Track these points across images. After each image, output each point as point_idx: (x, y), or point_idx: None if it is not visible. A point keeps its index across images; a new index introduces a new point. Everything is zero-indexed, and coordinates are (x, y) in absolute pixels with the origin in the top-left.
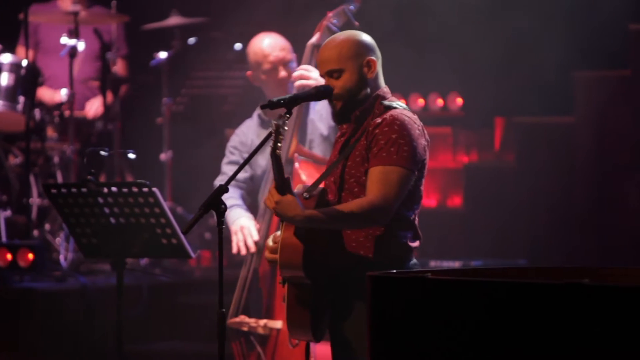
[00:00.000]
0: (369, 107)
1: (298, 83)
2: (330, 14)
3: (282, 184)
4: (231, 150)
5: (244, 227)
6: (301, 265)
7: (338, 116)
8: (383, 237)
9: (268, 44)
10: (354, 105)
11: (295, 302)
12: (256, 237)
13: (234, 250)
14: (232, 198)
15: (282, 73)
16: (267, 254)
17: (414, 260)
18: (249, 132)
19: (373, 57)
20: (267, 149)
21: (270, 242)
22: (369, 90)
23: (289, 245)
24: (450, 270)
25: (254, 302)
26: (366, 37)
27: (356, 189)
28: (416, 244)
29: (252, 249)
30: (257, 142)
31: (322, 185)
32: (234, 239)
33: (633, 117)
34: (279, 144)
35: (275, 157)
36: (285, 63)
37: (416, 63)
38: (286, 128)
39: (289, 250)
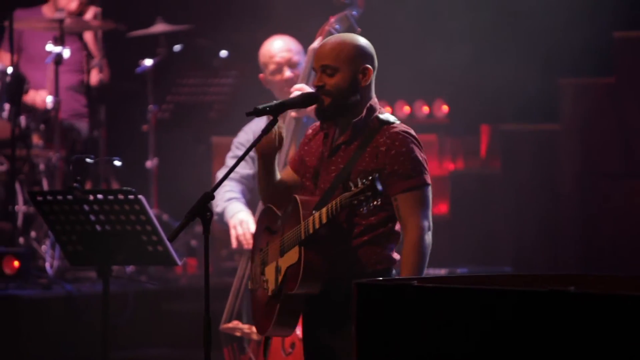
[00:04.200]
0: (367, 119)
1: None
2: (332, 19)
3: None
4: (237, 146)
5: (242, 221)
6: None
7: (323, 112)
8: (375, 250)
9: (275, 46)
10: (342, 107)
11: (287, 311)
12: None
13: (234, 244)
14: (231, 192)
15: (287, 74)
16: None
17: (395, 271)
18: (257, 131)
19: (369, 66)
20: None
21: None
22: (359, 97)
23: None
24: (435, 277)
25: (248, 308)
26: (368, 45)
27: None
28: (397, 256)
29: (251, 242)
30: None
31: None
32: (233, 232)
33: (618, 124)
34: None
35: None
36: (291, 64)
37: (402, 70)
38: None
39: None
